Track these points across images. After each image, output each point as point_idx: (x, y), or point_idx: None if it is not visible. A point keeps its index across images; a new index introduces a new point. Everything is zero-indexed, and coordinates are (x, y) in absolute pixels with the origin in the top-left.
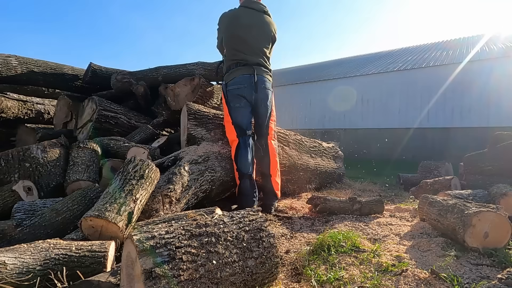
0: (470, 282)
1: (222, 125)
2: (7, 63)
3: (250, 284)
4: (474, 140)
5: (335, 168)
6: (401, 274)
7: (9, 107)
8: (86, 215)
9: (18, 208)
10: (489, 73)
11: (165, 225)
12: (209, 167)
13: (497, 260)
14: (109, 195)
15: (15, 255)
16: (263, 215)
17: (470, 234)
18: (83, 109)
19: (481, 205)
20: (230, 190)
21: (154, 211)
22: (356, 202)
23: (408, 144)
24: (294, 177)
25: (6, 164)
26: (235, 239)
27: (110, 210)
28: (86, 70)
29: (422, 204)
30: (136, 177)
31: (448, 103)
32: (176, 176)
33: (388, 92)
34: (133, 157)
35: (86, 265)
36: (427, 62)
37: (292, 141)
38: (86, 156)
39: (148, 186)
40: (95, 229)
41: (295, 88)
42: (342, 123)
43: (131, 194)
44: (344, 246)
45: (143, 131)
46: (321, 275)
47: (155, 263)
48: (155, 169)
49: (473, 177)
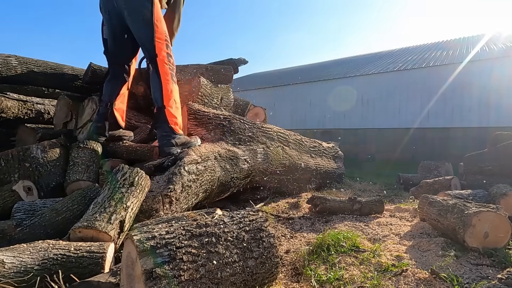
0: (470, 282)
1: (222, 125)
2: (7, 63)
3: (250, 284)
4: (474, 140)
5: (335, 168)
6: (401, 274)
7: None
8: (75, 226)
9: (18, 208)
10: (489, 73)
11: (165, 225)
12: (209, 167)
13: (497, 260)
14: (98, 205)
15: (14, 254)
16: (263, 215)
17: (470, 234)
18: (83, 109)
19: (481, 205)
20: (230, 190)
21: (154, 211)
22: (356, 202)
23: (408, 144)
24: (294, 177)
25: (6, 164)
26: (235, 239)
27: (100, 219)
28: (86, 70)
29: (422, 204)
30: (126, 185)
31: (448, 103)
32: (176, 176)
33: (388, 92)
34: (121, 165)
35: (84, 265)
36: (427, 62)
37: (292, 141)
38: (86, 156)
39: (139, 193)
40: (85, 241)
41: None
42: (342, 123)
43: (122, 202)
44: (344, 246)
45: (143, 131)
46: (321, 275)
47: (155, 263)
48: (145, 176)
49: (473, 177)
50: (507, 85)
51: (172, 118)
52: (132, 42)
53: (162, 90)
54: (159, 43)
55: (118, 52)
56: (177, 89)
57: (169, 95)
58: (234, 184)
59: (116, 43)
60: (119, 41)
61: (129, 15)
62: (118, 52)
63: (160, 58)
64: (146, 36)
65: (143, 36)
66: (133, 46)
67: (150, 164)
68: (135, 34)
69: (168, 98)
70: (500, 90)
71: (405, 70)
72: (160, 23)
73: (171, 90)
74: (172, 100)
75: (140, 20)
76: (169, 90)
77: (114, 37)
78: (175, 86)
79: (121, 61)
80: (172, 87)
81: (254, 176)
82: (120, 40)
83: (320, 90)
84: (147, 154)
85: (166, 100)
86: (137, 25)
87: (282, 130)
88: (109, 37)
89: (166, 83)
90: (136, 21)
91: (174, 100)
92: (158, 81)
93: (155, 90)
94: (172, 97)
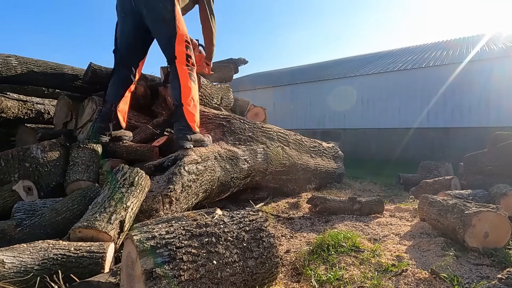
0: (470, 282)
1: (222, 125)
2: (7, 63)
3: (250, 284)
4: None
5: (335, 168)
6: (401, 274)
7: (9, 107)
8: (75, 226)
9: (18, 208)
10: (489, 73)
11: (165, 225)
12: (209, 167)
13: (497, 260)
14: (98, 205)
15: (14, 254)
16: (263, 215)
17: (470, 234)
18: (83, 109)
19: (481, 205)
20: (230, 190)
21: (154, 211)
22: (356, 202)
23: (408, 144)
24: (294, 177)
25: (6, 164)
26: (235, 239)
27: (100, 219)
28: (86, 70)
29: (422, 204)
30: (126, 185)
31: (448, 103)
32: (176, 176)
33: (388, 92)
34: (121, 165)
35: (84, 265)
36: (427, 62)
37: (292, 141)
38: (86, 156)
39: (139, 193)
40: (85, 241)
41: (295, 88)
42: (342, 123)
43: (122, 202)
44: (344, 246)
45: (143, 131)
46: (321, 275)
47: (155, 263)
48: (145, 176)
49: (473, 177)
50: (507, 85)
51: (189, 116)
52: (143, 45)
53: (180, 88)
54: (179, 44)
55: (128, 53)
56: (196, 88)
57: (188, 94)
58: (234, 184)
59: (127, 44)
60: (130, 42)
61: (149, 14)
62: (128, 53)
63: (179, 60)
64: (165, 36)
65: (163, 36)
66: (143, 49)
67: (150, 164)
68: (154, 33)
69: (186, 96)
70: (500, 90)
71: (405, 70)
72: (181, 24)
73: (189, 89)
74: (190, 98)
75: (160, 20)
76: (188, 89)
77: (127, 37)
78: (193, 85)
79: (129, 62)
80: (191, 85)
81: (254, 176)
82: (132, 41)
83: (320, 90)
84: (147, 154)
85: (184, 98)
86: (156, 24)
87: (282, 130)
88: (121, 37)
89: (185, 82)
90: (156, 20)
91: (192, 99)
92: (177, 81)
93: (174, 89)
94: (190, 95)
